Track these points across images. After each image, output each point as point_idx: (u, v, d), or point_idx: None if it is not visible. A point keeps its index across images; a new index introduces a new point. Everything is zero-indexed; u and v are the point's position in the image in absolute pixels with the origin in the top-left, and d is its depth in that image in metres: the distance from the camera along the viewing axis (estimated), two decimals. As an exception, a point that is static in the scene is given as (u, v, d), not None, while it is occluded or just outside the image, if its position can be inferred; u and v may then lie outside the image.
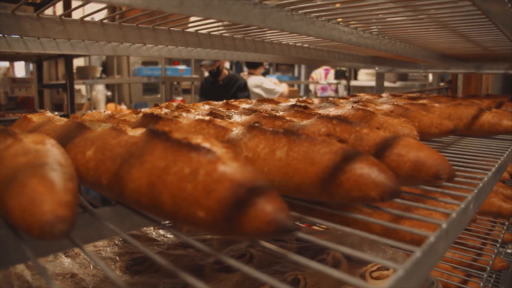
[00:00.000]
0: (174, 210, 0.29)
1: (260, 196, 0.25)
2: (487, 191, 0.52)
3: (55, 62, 2.91)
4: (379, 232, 0.68)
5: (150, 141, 0.34)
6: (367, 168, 0.32)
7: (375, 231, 0.68)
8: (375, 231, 0.68)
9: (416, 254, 0.27)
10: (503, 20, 0.47)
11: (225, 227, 0.26)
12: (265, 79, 3.05)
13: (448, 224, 0.34)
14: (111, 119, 0.59)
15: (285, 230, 0.24)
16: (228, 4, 0.44)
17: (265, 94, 2.96)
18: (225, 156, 0.30)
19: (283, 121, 0.49)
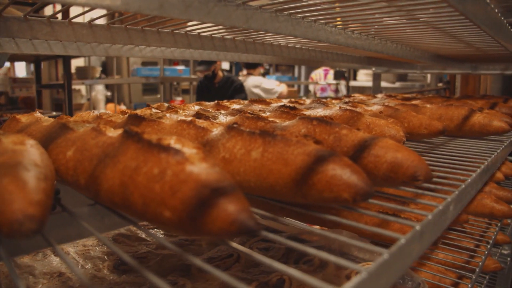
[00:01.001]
0: (144, 210, 0.29)
1: (223, 196, 0.25)
2: (471, 192, 0.52)
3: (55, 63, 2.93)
4: (369, 233, 0.68)
5: (124, 142, 0.34)
6: (340, 169, 0.32)
7: (365, 232, 0.68)
8: (365, 232, 0.68)
9: (384, 257, 0.27)
10: (485, 21, 0.47)
11: (189, 227, 0.26)
12: (264, 79, 3.05)
13: (423, 226, 0.34)
14: (98, 120, 0.60)
15: (247, 230, 0.25)
16: (209, 5, 0.44)
17: (264, 94, 2.96)
18: (195, 156, 0.30)
19: (265, 122, 0.49)
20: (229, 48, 0.81)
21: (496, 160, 0.68)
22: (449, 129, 0.83)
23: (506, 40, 0.65)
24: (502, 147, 0.72)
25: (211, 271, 0.26)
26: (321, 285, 0.23)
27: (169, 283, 0.59)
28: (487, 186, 1.04)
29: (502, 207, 0.93)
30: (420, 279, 0.61)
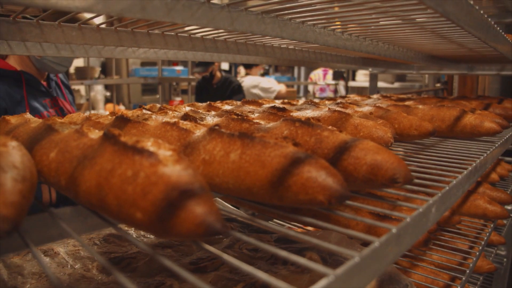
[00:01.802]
0: (118, 211, 0.30)
1: (192, 199, 0.26)
2: (456, 194, 0.52)
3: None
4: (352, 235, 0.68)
5: (102, 144, 0.34)
6: (315, 171, 0.32)
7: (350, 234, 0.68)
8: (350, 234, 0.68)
9: (354, 260, 0.27)
10: (469, 23, 0.47)
11: (159, 228, 0.26)
12: (262, 79, 3.06)
13: (400, 229, 0.34)
14: (87, 121, 0.60)
15: (214, 232, 0.25)
16: (193, 8, 0.44)
17: (263, 94, 2.96)
18: (169, 159, 0.30)
19: (250, 124, 0.49)
20: (221, 49, 0.81)
21: (486, 162, 0.68)
22: (441, 130, 0.83)
23: (495, 41, 0.64)
24: (492, 149, 0.71)
25: (179, 273, 0.27)
26: (283, 285, 0.23)
27: (156, 283, 0.59)
28: (481, 187, 1.04)
29: (495, 208, 0.93)
30: (407, 281, 0.61)
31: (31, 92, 1.24)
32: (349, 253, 0.28)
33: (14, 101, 1.19)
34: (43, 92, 1.29)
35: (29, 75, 1.24)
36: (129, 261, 0.65)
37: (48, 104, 1.28)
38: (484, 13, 0.58)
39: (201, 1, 0.45)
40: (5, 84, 1.18)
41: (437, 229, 0.82)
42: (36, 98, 1.25)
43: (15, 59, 1.24)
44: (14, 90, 1.20)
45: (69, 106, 1.38)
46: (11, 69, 1.22)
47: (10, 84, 1.19)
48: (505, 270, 1.37)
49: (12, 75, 1.21)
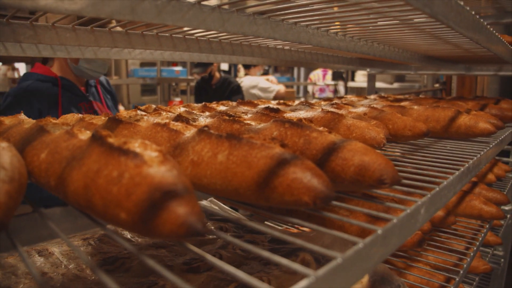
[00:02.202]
0: (104, 211, 0.30)
1: (174, 199, 0.26)
2: (447, 195, 0.52)
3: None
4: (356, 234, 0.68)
5: (90, 145, 0.35)
6: (300, 172, 0.32)
7: (351, 233, 0.68)
8: (351, 233, 0.68)
9: (337, 261, 0.27)
10: (460, 23, 0.47)
11: (143, 228, 0.27)
12: (260, 79, 3.06)
13: (386, 230, 0.34)
14: (81, 122, 0.60)
15: (195, 232, 0.25)
16: (183, 9, 0.44)
17: (262, 94, 2.96)
18: (154, 160, 0.30)
19: (241, 125, 0.49)
20: (216, 50, 0.81)
21: (480, 162, 0.68)
22: (436, 131, 0.83)
23: (488, 42, 0.64)
24: (486, 150, 0.71)
25: (161, 273, 0.27)
26: (261, 285, 0.24)
27: (149, 283, 0.60)
28: (477, 188, 1.04)
29: (490, 208, 0.93)
30: (400, 281, 0.61)
31: (67, 96, 1.38)
32: (331, 254, 0.28)
33: (49, 103, 1.32)
34: (80, 96, 1.42)
35: (67, 80, 1.39)
36: (123, 261, 0.65)
37: (82, 108, 1.42)
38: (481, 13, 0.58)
39: (192, 3, 0.45)
40: (43, 88, 1.33)
41: (432, 230, 0.82)
42: (72, 102, 1.38)
43: (57, 66, 1.40)
44: (50, 94, 1.33)
45: (105, 110, 1.51)
46: (51, 75, 1.37)
47: (48, 88, 1.34)
48: (502, 271, 1.36)
49: (51, 81, 1.36)
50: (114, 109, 1.60)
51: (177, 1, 0.43)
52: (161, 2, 0.42)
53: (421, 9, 0.37)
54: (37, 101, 1.29)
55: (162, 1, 0.42)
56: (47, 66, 1.40)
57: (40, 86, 1.32)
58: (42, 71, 1.37)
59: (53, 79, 1.36)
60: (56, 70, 1.39)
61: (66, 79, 1.38)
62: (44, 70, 1.37)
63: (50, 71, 1.38)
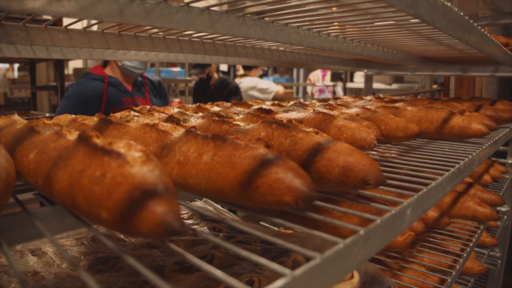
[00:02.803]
0: (87, 210, 0.30)
1: (153, 199, 0.26)
2: (436, 196, 0.52)
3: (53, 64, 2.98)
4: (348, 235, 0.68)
5: (76, 145, 0.35)
6: (282, 173, 0.33)
7: (345, 235, 0.68)
8: (345, 235, 0.68)
9: (316, 261, 0.28)
10: (447, 25, 0.47)
11: (123, 227, 0.27)
12: (259, 80, 3.07)
13: (368, 230, 0.34)
14: (73, 123, 0.61)
15: (173, 232, 0.25)
16: (171, 11, 0.45)
17: (261, 95, 2.97)
18: (137, 160, 0.31)
19: (230, 126, 0.50)
20: (209, 51, 0.82)
21: (471, 163, 0.68)
22: (429, 132, 0.83)
23: (479, 43, 0.65)
24: (478, 150, 0.71)
25: (142, 271, 0.27)
26: (238, 284, 0.24)
27: (140, 283, 0.60)
28: (472, 189, 1.04)
29: (484, 209, 0.93)
30: (390, 282, 0.61)
31: (112, 91, 1.70)
32: (310, 254, 0.28)
33: (95, 96, 1.65)
34: (124, 92, 1.73)
35: (114, 78, 1.71)
36: (115, 261, 0.66)
37: (125, 101, 1.71)
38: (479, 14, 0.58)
39: (180, 5, 0.46)
40: (92, 85, 1.67)
41: (425, 231, 0.82)
42: (115, 96, 1.70)
43: (109, 67, 1.74)
44: (97, 89, 1.66)
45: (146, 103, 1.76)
46: (100, 74, 1.71)
47: (96, 85, 1.67)
48: (499, 272, 1.36)
49: (100, 79, 1.69)
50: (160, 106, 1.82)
51: (165, 3, 0.44)
52: (150, 5, 0.42)
53: (405, 11, 0.37)
54: (84, 95, 1.62)
55: (151, 3, 0.42)
56: (103, 67, 1.73)
57: (90, 83, 1.66)
58: (97, 71, 1.71)
59: (102, 78, 1.68)
60: (108, 70, 1.73)
61: (114, 77, 1.71)
62: (98, 71, 1.71)
63: (102, 71, 1.71)
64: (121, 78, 1.73)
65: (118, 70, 1.73)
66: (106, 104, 1.64)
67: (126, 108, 1.69)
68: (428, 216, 0.90)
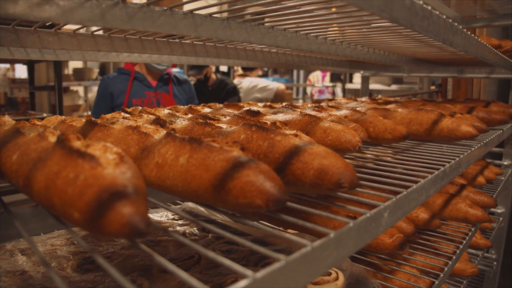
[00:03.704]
0: (62, 211, 0.31)
1: (121, 200, 0.27)
2: (418, 199, 0.52)
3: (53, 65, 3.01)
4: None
5: (54, 147, 0.36)
6: (254, 175, 0.33)
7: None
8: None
9: (280, 263, 0.28)
10: (428, 28, 0.47)
11: (93, 228, 0.28)
12: (259, 79, 3.08)
13: (340, 233, 0.35)
14: (61, 125, 0.62)
15: (138, 232, 0.26)
16: (154, 15, 0.45)
17: (260, 94, 2.98)
18: (110, 162, 0.31)
19: (212, 128, 0.50)
20: (200, 53, 0.83)
21: (459, 165, 0.68)
22: (419, 134, 0.83)
23: (466, 45, 0.65)
24: (466, 153, 0.71)
25: (107, 270, 0.28)
26: (199, 285, 0.24)
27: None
28: (464, 191, 1.04)
29: (476, 211, 0.93)
30: (375, 284, 0.61)
31: (137, 85, 1.93)
32: (275, 256, 0.29)
33: (120, 89, 1.87)
34: (147, 86, 1.96)
35: (139, 74, 1.94)
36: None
37: (147, 95, 1.92)
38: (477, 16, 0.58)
39: (163, 9, 0.46)
40: (119, 78, 1.91)
41: (415, 233, 0.82)
42: (139, 89, 1.92)
43: (138, 63, 1.96)
44: (123, 83, 1.90)
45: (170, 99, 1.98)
46: (127, 69, 1.94)
47: (123, 79, 1.91)
48: (494, 273, 1.35)
49: (127, 73, 1.93)
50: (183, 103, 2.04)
51: (148, 8, 0.44)
52: (132, 9, 0.43)
53: (378, 14, 0.37)
54: (111, 87, 1.87)
55: (133, 7, 0.43)
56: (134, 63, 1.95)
57: (117, 77, 1.90)
58: (126, 66, 1.95)
59: (129, 72, 1.91)
60: (137, 66, 1.96)
61: (140, 73, 1.93)
62: (128, 66, 1.95)
63: (131, 66, 1.94)
64: (147, 73, 1.94)
65: (144, 66, 1.94)
66: (130, 96, 1.86)
67: (148, 100, 1.94)
68: (418, 218, 0.90)
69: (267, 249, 0.29)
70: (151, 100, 1.91)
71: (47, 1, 0.37)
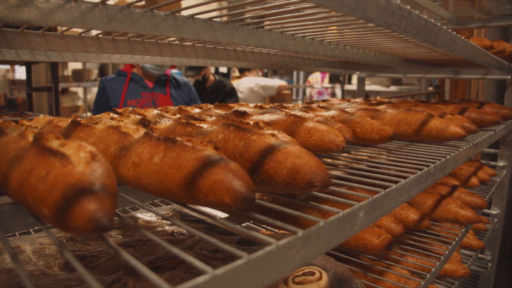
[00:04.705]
0: (34, 207, 0.32)
1: (86, 197, 0.27)
2: (398, 199, 0.52)
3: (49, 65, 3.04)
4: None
5: (31, 146, 0.37)
6: (223, 174, 0.34)
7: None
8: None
9: (242, 260, 0.28)
10: (406, 27, 0.48)
11: (60, 223, 0.28)
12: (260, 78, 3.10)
13: (309, 232, 0.35)
14: (48, 125, 0.63)
15: (101, 227, 0.26)
16: (134, 17, 0.46)
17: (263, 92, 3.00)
18: (82, 160, 0.32)
19: (193, 128, 0.51)
20: (189, 54, 0.83)
21: (445, 166, 0.68)
22: (408, 134, 0.83)
23: (449, 45, 0.65)
24: (453, 153, 0.71)
25: (74, 266, 0.28)
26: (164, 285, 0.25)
27: (111, 281, 0.61)
28: (456, 191, 1.04)
29: (466, 212, 0.92)
30: (359, 284, 0.61)
31: (133, 86, 1.96)
32: (238, 253, 0.29)
33: (116, 91, 1.90)
34: (143, 87, 1.99)
35: (136, 75, 1.97)
36: (90, 259, 0.67)
37: (143, 96, 1.95)
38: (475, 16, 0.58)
39: (144, 10, 0.47)
40: (115, 80, 1.94)
41: (404, 233, 0.82)
42: (135, 90, 1.95)
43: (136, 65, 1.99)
44: (120, 84, 1.93)
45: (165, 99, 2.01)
46: (124, 70, 1.98)
47: (120, 80, 1.94)
48: (489, 275, 1.34)
49: (125, 75, 1.96)
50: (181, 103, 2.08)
51: (128, 9, 0.45)
52: (112, 11, 0.44)
53: (350, 14, 0.38)
54: (108, 88, 1.90)
55: (113, 9, 0.44)
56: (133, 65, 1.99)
57: (115, 78, 1.94)
58: (124, 68, 1.99)
59: (126, 73, 1.94)
60: (135, 68, 1.99)
61: (137, 74, 1.96)
62: (126, 68, 1.99)
63: (129, 68, 1.97)
64: (143, 75, 1.98)
65: (140, 68, 1.98)
66: (126, 97, 1.88)
67: (143, 101, 1.97)
68: (408, 218, 0.90)
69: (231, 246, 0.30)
70: (146, 100, 1.94)
71: (26, 3, 0.38)
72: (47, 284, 0.59)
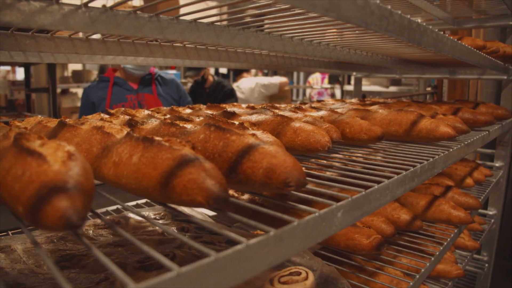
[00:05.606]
0: (11, 206, 0.32)
1: (58, 195, 0.28)
2: (381, 199, 0.52)
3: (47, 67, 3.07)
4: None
5: (11, 146, 0.37)
6: (196, 173, 0.34)
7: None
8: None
9: (209, 258, 0.29)
10: (388, 27, 0.48)
11: (33, 221, 0.29)
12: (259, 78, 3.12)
13: (283, 231, 0.35)
14: (38, 125, 0.64)
15: (71, 225, 0.27)
16: (118, 19, 0.47)
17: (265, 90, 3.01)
18: (58, 160, 0.33)
19: (177, 128, 0.51)
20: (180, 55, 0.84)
21: (433, 166, 0.68)
22: (398, 135, 0.83)
23: (435, 45, 0.65)
24: (442, 154, 0.71)
25: (48, 264, 0.29)
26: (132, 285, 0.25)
27: (99, 280, 0.62)
28: (449, 192, 1.03)
29: (459, 213, 0.92)
30: (345, 284, 0.61)
31: (117, 90, 1.91)
32: (206, 251, 0.29)
33: (100, 97, 1.87)
34: (128, 90, 1.94)
35: (119, 78, 1.93)
36: (79, 258, 0.68)
37: (129, 98, 1.92)
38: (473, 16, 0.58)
39: (128, 12, 0.48)
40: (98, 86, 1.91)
41: (395, 234, 0.82)
42: (120, 94, 1.91)
43: (119, 69, 1.97)
44: (103, 90, 1.89)
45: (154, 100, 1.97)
46: (106, 76, 1.94)
47: (103, 86, 1.91)
48: (486, 276, 1.33)
49: (107, 80, 1.92)
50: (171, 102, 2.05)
51: (112, 11, 0.46)
52: (95, 13, 0.44)
53: (325, 15, 0.38)
54: (92, 96, 1.87)
55: (96, 11, 0.44)
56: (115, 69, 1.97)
57: (97, 85, 1.90)
58: (106, 73, 1.96)
59: (108, 79, 1.90)
60: (117, 71, 1.96)
61: (120, 78, 1.92)
62: (107, 73, 1.96)
63: (111, 73, 1.94)
64: (127, 77, 1.93)
65: (123, 71, 1.94)
66: (111, 103, 1.85)
67: (129, 104, 1.92)
68: (400, 219, 0.90)
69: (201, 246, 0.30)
70: (132, 103, 1.88)
71: (8, 6, 0.38)
72: (35, 282, 0.60)
